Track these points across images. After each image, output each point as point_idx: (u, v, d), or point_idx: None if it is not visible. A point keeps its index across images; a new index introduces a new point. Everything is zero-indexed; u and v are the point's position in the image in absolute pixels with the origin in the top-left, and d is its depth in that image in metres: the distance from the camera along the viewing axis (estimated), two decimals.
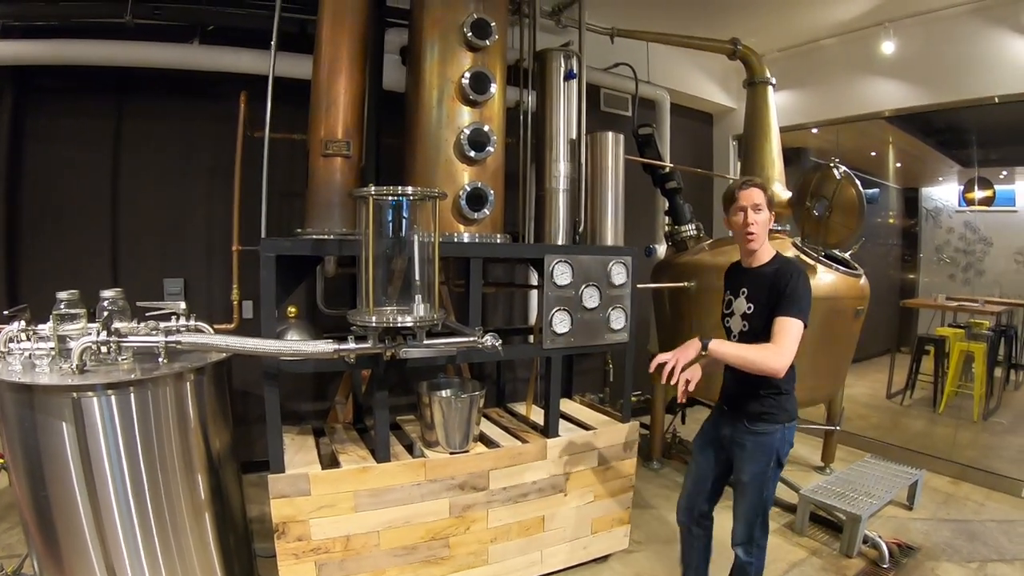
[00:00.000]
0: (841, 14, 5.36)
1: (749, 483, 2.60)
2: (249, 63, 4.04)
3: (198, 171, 4.41)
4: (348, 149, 2.98)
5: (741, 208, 2.52)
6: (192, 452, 2.64)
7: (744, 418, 2.60)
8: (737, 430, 2.63)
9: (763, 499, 2.62)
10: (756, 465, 2.57)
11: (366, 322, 2.34)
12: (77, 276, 3.91)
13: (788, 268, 2.50)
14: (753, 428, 2.57)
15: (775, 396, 2.55)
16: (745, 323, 2.58)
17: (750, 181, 2.57)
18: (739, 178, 2.67)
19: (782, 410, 2.56)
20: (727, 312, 2.70)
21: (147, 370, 2.46)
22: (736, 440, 2.63)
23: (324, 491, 2.71)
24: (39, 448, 2.37)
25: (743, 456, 2.60)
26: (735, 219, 2.56)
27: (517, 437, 3.29)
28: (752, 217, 2.50)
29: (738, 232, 2.57)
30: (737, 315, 2.62)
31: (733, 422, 2.65)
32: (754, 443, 2.57)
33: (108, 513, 2.42)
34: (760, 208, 2.50)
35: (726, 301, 2.73)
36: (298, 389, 4.65)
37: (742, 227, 2.53)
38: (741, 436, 2.61)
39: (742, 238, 2.56)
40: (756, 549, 2.67)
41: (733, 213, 2.56)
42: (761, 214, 2.51)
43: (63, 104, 4.12)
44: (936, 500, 4.50)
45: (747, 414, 2.59)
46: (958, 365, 5.91)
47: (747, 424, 2.58)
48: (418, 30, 3.14)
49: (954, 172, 6.76)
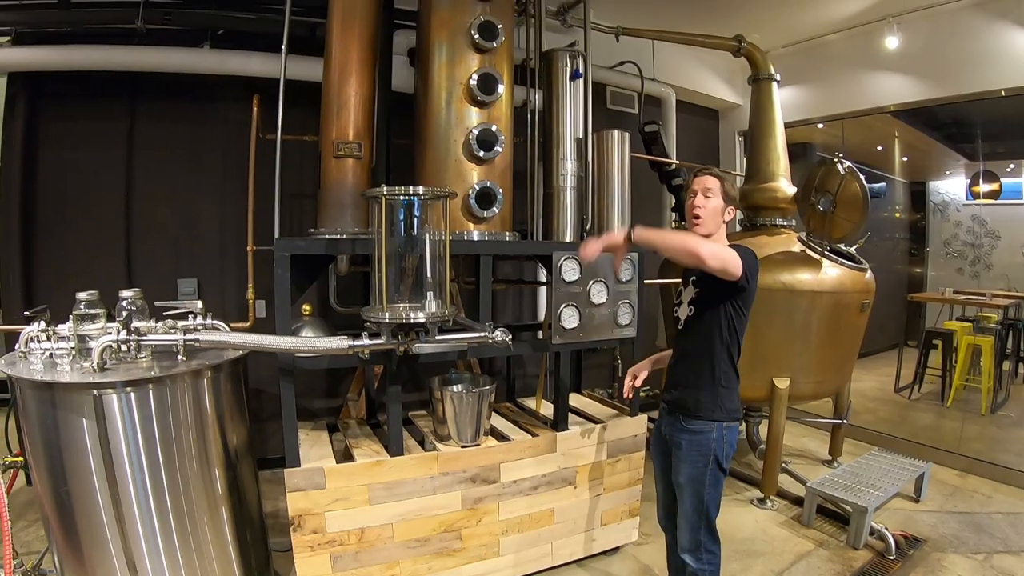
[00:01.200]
0: (845, 9, 5.38)
1: (686, 485, 2.51)
2: (259, 66, 4.10)
3: (209, 173, 4.48)
4: (359, 150, 3.04)
5: (693, 192, 2.52)
6: (209, 447, 2.71)
7: (679, 414, 2.53)
8: (674, 428, 2.56)
9: (703, 503, 2.49)
10: (691, 467, 2.49)
11: (380, 319, 2.39)
12: (92, 277, 3.96)
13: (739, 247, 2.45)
14: (687, 425, 2.50)
15: (711, 390, 2.47)
16: (691, 308, 2.53)
17: (706, 169, 2.58)
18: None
19: (719, 407, 2.46)
20: (676, 303, 2.67)
21: (166, 367, 2.52)
22: (672, 438, 2.57)
23: (339, 484, 2.76)
24: (60, 444, 2.43)
25: (679, 456, 2.54)
26: (688, 203, 2.54)
27: (527, 431, 3.33)
28: (700, 200, 2.48)
29: (688, 217, 2.54)
30: (685, 303, 2.58)
31: (671, 419, 2.59)
32: (689, 442, 2.49)
33: (128, 507, 2.48)
34: (710, 194, 2.47)
35: (677, 291, 2.70)
36: (311, 387, 4.71)
37: (690, 208, 2.51)
38: (676, 434, 2.54)
39: (689, 221, 2.53)
40: (707, 555, 2.54)
41: (688, 198, 2.55)
42: (711, 200, 2.47)
43: (76, 108, 4.19)
44: (943, 493, 4.52)
45: (682, 409, 2.52)
46: (966, 359, 5.93)
47: (682, 421, 2.52)
48: (426, 32, 3.19)
49: (961, 166, 6.77)
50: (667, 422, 2.61)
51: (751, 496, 4.44)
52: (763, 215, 4.67)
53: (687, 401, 2.51)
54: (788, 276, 4.09)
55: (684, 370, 2.53)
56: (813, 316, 4.11)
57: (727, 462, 2.51)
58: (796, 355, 4.20)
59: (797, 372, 4.24)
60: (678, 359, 2.61)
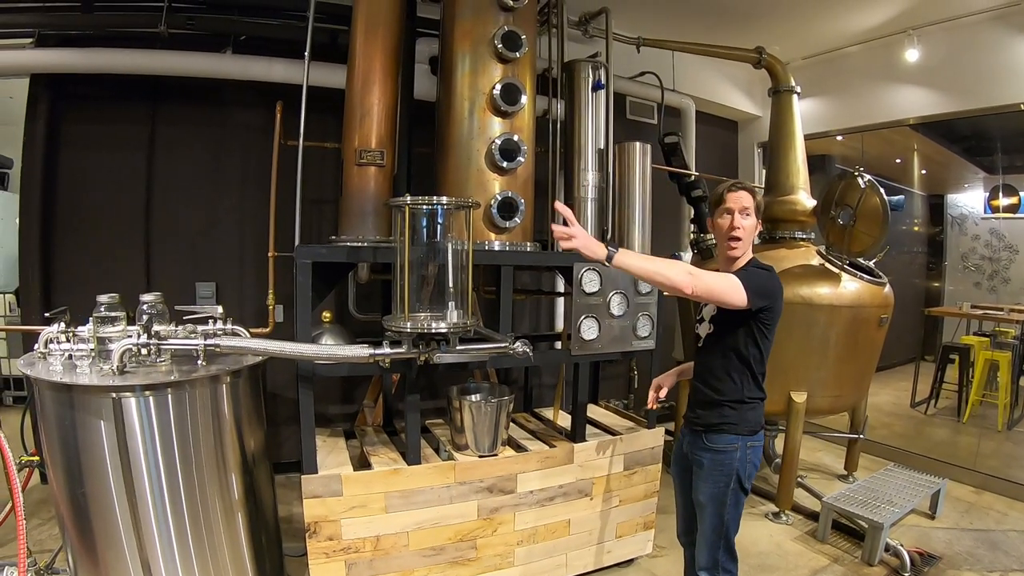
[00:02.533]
0: (865, 22, 5.36)
1: (707, 504, 2.44)
2: (281, 72, 4.12)
3: (229, 178, 4.50)
4: (382, 158, 3.05)
5: (728, 211, 2.37)
6: (227, 452, 2.71)
7: (701, 431, 2.46)
8: (695, 445, 2.49)
9: (723, 522, 2.43)
10: (713, 486, 2.42)
11: (401, 328, 2.39)
12: (110, 278, 4.01)
13: (757, 264, 2.42)
14: (710, 443, 2.42)
15: (734, 405, 2.40)
16: (712, 326, 2.45)
17: (740, 184, 2.44)
18: (728, 180, 2.51)
19: (743, 421, 2.40)
20: (698, 318, 2.58)
21: (185, 372, 2.53)
22: (694, 457, 2.50)
23: (356, 492, 2.77)
24: (78, 446, 2.44)
25: (700, 475, 2.47)
26: (720, 221, 2.40)
27: (544, 441, 3.33)
28: (739, 221, 2.35)
29: (721, 236, 2.41)
30: (706, 320, 2.49)
31: (692, 437, 2.52)
32: (711, 461, 2.42)
33: (144, 510, 2.49)
34: (748, 213, 2.36)
35: (698, 307, 2.61)
36: (327, 392, 4.71)
37: (727, 230, 2.37)
38: (699, 452, 2.47)
39: (725, 243, 2.40)
40: (724, 573, 2.48)
41: (719, 215, 2.41)
42: (748, 219, 2.36)
43: (98, 111, 4.23)
44: (958, 509, 4.48)
45: (704, 426, 2.45)
46: (983, 374, 5.86)
47: (704, 439, 2.44)
48: (449, 42, 3.20)
49: (979, 179, 6.70)
50: (689, 440, 2.55)
51: (766, 510, 4.41)
52: (782, 228, 4.63)
53: (710, 418, 2.44)
54: (807, 290, 4.06)
55: (706, 388, 2.47)
56: (832, 330, 4.08)
57: (749, 482, 2.45)
58: (814, 369, 4.17)
59: (815, 386, 4.20)
60: (700, 377, 2.53)
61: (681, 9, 5.11)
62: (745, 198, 2.37)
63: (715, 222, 2.45)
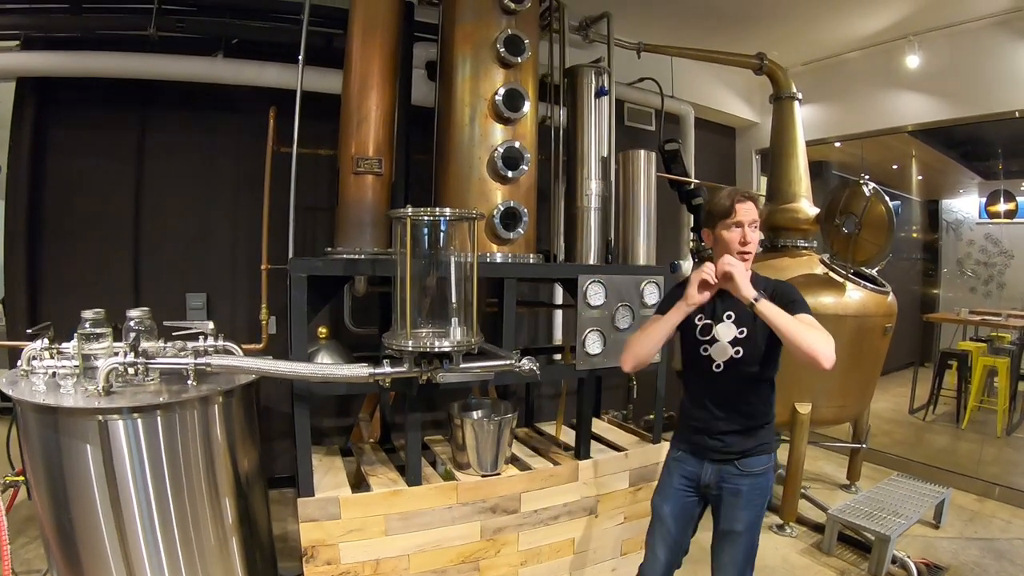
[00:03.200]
0: (866, 27, 5.31)
1: (744, 532, 2.31)
2: (273, 77, 4.01)
3: (221, 186, 4.39)
4: (380, 167, 2.95)
5: (738, 224, 2.24)
6: (219, 476, 2.62)
7: (735, 458, 2.31)
8: (725, 475, 2.33)
9: (755, 547, 2.36)
10: (753, 511, 2.32)
11: (403, 346, 2.30)
12: (99, 289, 3.92)
13: (779, 283, 2.36)
14: (748, 469, 2.30)
15: (766, 426, 2.35)
16: (738, 349, 2.28)
17: (747, 194, 2.31)
18: (728, 189, 2.37)
19: (772, 439, 2.37)
20: (705, 339, 2.33)
21: (174, 392, 2.43)
22: (726, 486, 2.34)
23: (354, 515, 2.67)
24: (63, 470, 2.34)
25: (737, 503, 2.31)
26: (729, 235, 2.25)
27: (548, 458, 3.25)
28: (750, 235, 2.24)
29: (728, 249, 2.26)
30: (723, 341, 2.29)
31: (717, 466, 2.35)
32: (751, 486, 2.30)
33: (133, 538, 2.39)
34: (756, 225, 2.27)
35: (701, 327, 2.35)
36: (321, 406, 4.59)
37: (738, 243, 2.24)
38: (733, 480, 2.32)
39: (734, 256, 2.24)
40: None
41: (726, 228, 2.26)
42: (756, 232, 2.27)
43: (86, 116, 4.10)
44: (962, 518, 4.44)
45: (739, 453, 2.31)
46: (981, 379, 5.85)
47: (738, 466, 2.31)
48: (449, 46, 3.11)
49: (975, 184, 6.71)
50: (714, 471, 2.36)
51: (770, 522, 4.32)
52: (785, 236, 4.58)
53: (745, 444, 2.32)
54: (811, 299, 3.91)
55: (736, 415, 2.32)
56: (837, 340, 3.95)
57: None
58: (818, 380, 4.10)
59: (819, 397, 4.15)
60: (722, 405, 2.33)
61: (680, 14, 5.05)
62: (753, 210, 2.27)
63: (719, 234, 2.30)
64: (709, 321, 2.33)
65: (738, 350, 2.29)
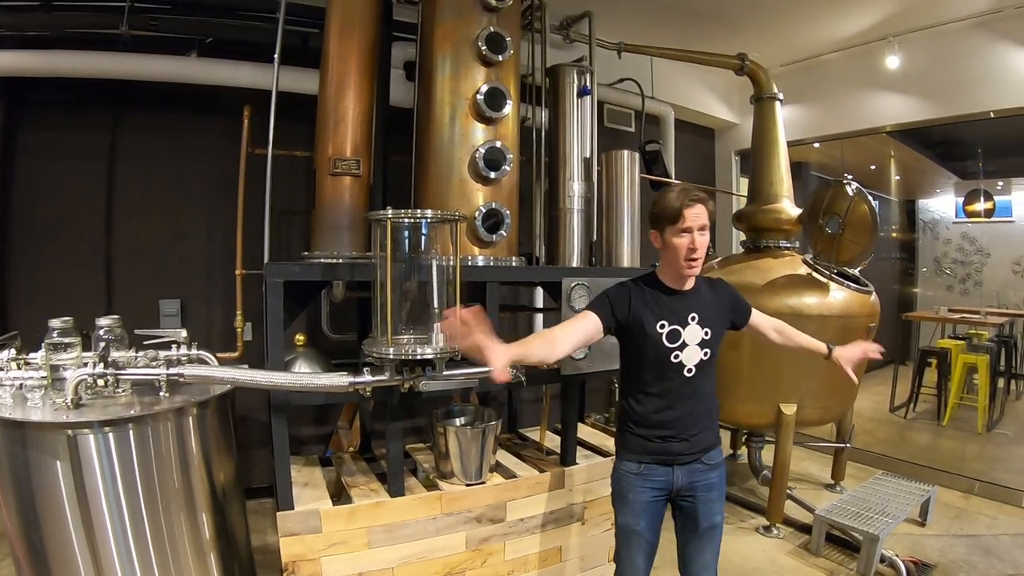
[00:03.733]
0: (846, 29, 5.32)
1: (719, 525, 2.34)
2: (248, 77, 3.91)
3: (195, 188, 4.27)
4: (358, 168, 2.86)
5: (687, 229, 2.13)
6: (195, 489, 2.53)
7: (701, 454, 2.32)
8: (695, 472, 2.31)
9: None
10: (722, 500, 2.36)
11: (383, 353, 2.23)
12: (70, 295, 3.80)
13: (719, 282, 2.44)
14: (714, 461, 2.34)
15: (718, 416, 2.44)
16: (706, 351, 2.25)
17: (696, 197, 2.16)
18: (677, 189, 2.22)
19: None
20: (674, 345, 2.22)
21: (147, 404, 2.34)
22: (699, 483, 2.32)
23: (336, 528, 2.58)
24: (32, 487, 2.25)
25: (712, 497, 2.33)
26: (678, 241, 2.14)
27: (534, 466, 3.19)
28: (698, 240, 2.14)
29: (677, 256, 2.16)
30: (692, 345, 2.23)
31: (688, 467, 2.31)
32: (719, 476, 2.35)
33: (107, 556, 2.30)
34: (706, 230, 2.17)
35: (669, 332, 2.21)
36: (299, 414, 4.47)
37: (686, 249, 2.14)
38: (704, 476, 2.32)
39: (681, 264, 2.17)
40: None
41: (674, 233, 2.15)
42: (706, 236, 2.17)
43: (56, 118, 3.97)
44: (948, 516, 4.45)
45: (703, 449, 2.32)
46: (961, 377, 5.88)
47: (704, 460, 2.32)
48: (429, 44, 3.04)
49: (951, 184, 6.76)
50: (682, 475, 2.31)
51: (756, 524, 4.32)
52: (767, 237, 4.57)
53: (709, 439, 2.35)
54: (795, 300, 3.99)
55: (697, 414, 2.30)
56: (821, 340, 3.99)
57: None
58: (803, 380, 4.10)
59: (804, 398, 4.13)
60: (689, 409, 2.29)
61: (661, 15, 5.02)
62: (703, 214, 2.15)
63: (667, 239, 2.19)
64: (676, 327, 2.23)
65: (707, 351, 2.27)
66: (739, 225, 4.88)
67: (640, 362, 2.27)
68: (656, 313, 2.22)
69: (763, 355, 4.00)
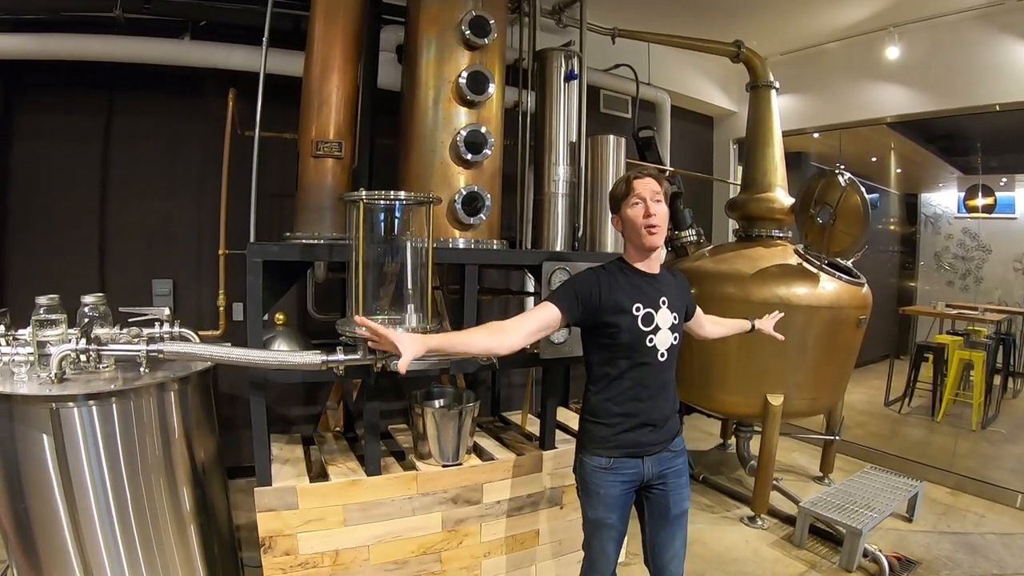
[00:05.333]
0: (846, 18, 5.28)
1: (687, 511, 2.38)
2: (241, 59, 3.95)
3: (189, 169, 4.31)
4: (340, 150, 2.88)
5: (639, 198, 2.15)
6: (176, 463, 2.57)
7: (667, 442, 2.33)
8: (664, 460, 2.32)
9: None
10: (689, 486, 2.40)
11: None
12: (63, 275, 3.85)
13: (679, 272, 2.51)
14: (678, 447, 2.37)
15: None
16: (675, 335, 2.27)
17: (643, 169, 2.25)
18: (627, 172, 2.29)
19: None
20: (648, 329, 2.20)
21: (129, 379, 2.38)
22: (669, 471, 2.33)
23: (312, 505, 2.62)
24: (17, 459, 2.30)
25: (681, 483, 2.35)
26: (632, 212, 2.17)
27: (512, 449, 3.21)
28: (653, 207, 2.14)
29: (635, 226, 2.18)
30: (664, 328, 2.23)
31: (657, 457, 2.30)
32: (684, 462, 2.39)
33: (89, 526, 2.35)
34: (659, 199, 2.17)
35: (644, 315, 2.19)
36: (289, 394, 4.54)
37: (643, 219, 2.15)
38: (672, 463, 2.34)
39: (641, 233, 2.17)
40: None
41: (628, 206, 2.18)
42: (661, 206, 2.17)
43: (51, 101, 4.03)
44: (936, 512, 4.44)
45: (672, 435, 2.34)
46: (957, 373, 5.86)
47: (670, 448, 2.33)
48: (414, 27, 3.04)
49: (954, 178, 6.71)
50: (651, 464, 2.30)
51: (741, 514, 4.33)
52: (759, 226, 4.55)
53: (674, 426, 2.37)
54: (784, 290, 3.98)
55: (668, 400, 2.32)
56: (809, 332, 4.00)
57: None
58: (791, 372, 4.09)
59: (792, 389, 4.12)
60: (659, 394, 2.29)
61: (658, 1, 4.99)
62: (653, 184, 2.18)
63: (624, 215, 2.22)
64: (650, 310, 2.21)
65: (676, 336, 2.29)
66: (731, 213, 4.86)
67: (612, 348, 2.23)
68: (630, 295, 2.20)
69: (751, 344, 3.97)
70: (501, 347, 2.08)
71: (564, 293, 2.23)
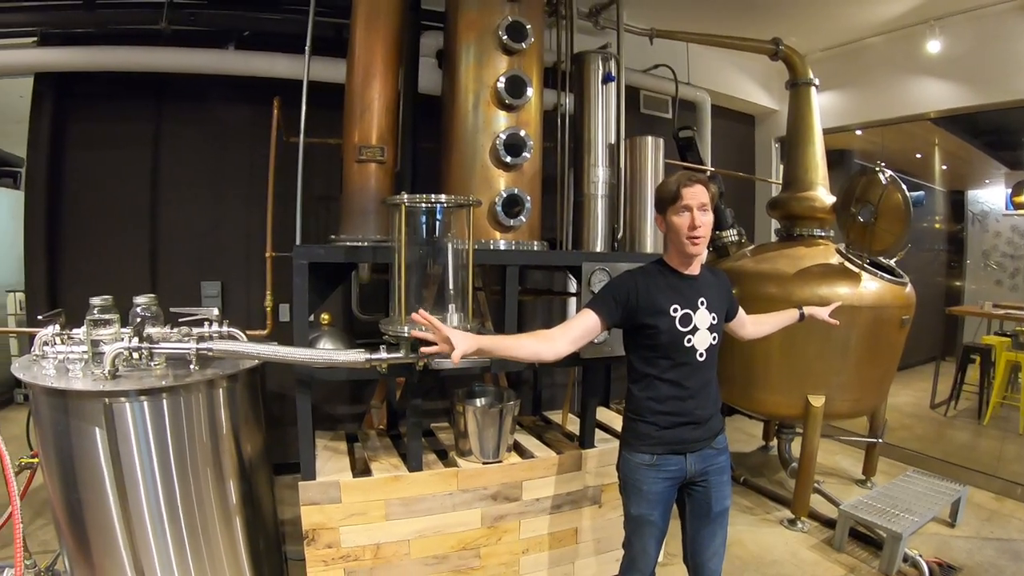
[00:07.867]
0: (886, 12, 5.18)
1: (729, 508, 2.42)
2: (284, 67, 4.05)
3: (235, 175, 4.44)
4: (382, 155, 2.94)
5: (686, 207, 2.18)
6: (223, 458, 2.65)
7: (712, 439, 2.37)
8: (707, 457, 2.35)
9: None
10: (730, 484, 2.43)
11: (398, 331, 2.30)
12: (115, 278, 3.98)
13: (720, 271, 2.53)
14: (722, 445, 2.41)
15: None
16: (714, 335, 2.30)
17: (694, 176, 2.24)
18: (678, 173, 2.30)
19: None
20: (686, 329, 2.25)
21: (179, 376, 2.46)
22: (712, 468, 2.36)
23: (355, 499, 2.69)
24: (72, 452, 2.40)
25: (724, 480, 2.39)
26: (678, 220, 2.20)
27: (552, 447, 3.23)
28: (700, 219, 2.17)
29: (679, 234, 2.21)
30: (703, 329, 2.27)
31: (699, 454, 2.34)
32: (727, 460, 2.42)
33: (139, 517, 2.44)
34: (706, 208, 2.19)
35: (681, 316, 2.24)
36: (335, 392, 4.65)
37: (687, 229, 2.18)
38: (716, 460, 2.37)
39: (684, 242, 2.21)
40: None
41: (675, 212, 2.21)
42: (707, 215, 2.20)
43: (102, 109, 4.19)
44: (979, 517, 4.33)
45: (715, 432, 2.38)
46: (1004, 375, 5.71)
47: (714, 445, 2.37)
48: (453, 33, 3.09)
49: (1001, 174, 6.56)
50: (695, 461, 2.33)
51: (781, 516, 4.29)
52: (800, 225, 4.50)
53: (716, 425, 2.40)
54: (826, 290, 3.93)
55: (711, 398, 2.36)
56: (852, 332, 3.94)
57: None
58: (833, 372, 4.04)
59: (833, 390, 4.07)
60: (701, 394, 2.32)
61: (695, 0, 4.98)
62: (702, 193, 2.19)
63: (669, 220, 2.24)
64: (688, 311, 2.26)
65: (715, 336, 2.32)
66: (773, 213, 4.81)
67: (653, 348, 2.27)
68: (668, 297, 2.25)
69: (792, 344, 3.95)
70: (548, 353, 2.17)
71: (602, 299, 2.30)
